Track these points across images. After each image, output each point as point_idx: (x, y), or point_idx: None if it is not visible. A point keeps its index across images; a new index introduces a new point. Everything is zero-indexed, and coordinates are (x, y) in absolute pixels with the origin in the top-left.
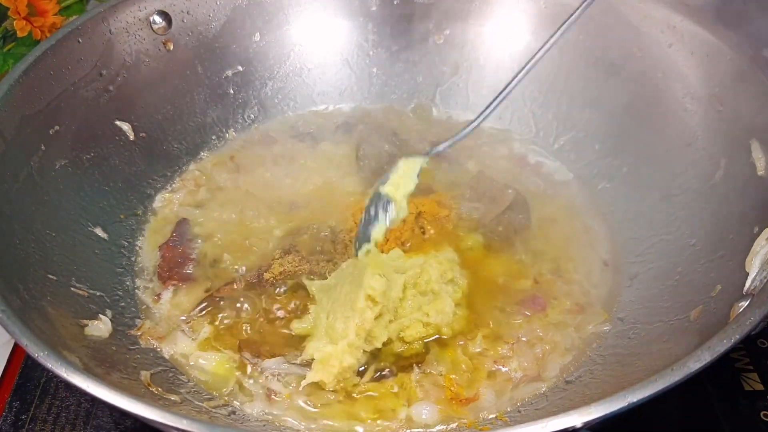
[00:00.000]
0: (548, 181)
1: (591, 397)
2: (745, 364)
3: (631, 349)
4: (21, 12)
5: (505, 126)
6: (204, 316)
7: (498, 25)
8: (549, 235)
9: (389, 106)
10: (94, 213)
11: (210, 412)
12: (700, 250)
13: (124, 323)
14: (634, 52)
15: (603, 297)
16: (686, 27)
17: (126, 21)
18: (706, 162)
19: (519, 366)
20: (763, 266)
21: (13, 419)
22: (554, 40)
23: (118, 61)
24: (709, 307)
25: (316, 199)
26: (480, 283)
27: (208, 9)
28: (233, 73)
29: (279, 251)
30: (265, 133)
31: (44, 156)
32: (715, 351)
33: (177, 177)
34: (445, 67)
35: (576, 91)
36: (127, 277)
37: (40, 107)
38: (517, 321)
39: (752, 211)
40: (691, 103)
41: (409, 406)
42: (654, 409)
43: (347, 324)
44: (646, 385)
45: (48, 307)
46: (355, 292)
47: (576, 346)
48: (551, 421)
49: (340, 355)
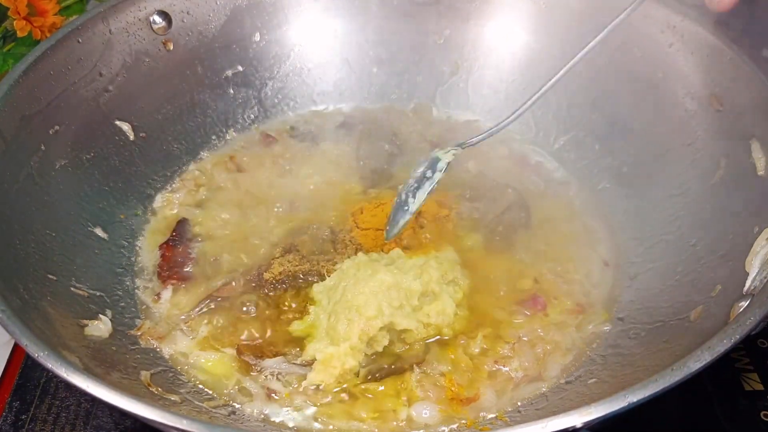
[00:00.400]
0: (548, 181)
1: (591, 397)
2: (745, 364)
3: (631, 349)
4: (21, 12)
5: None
6: (203, 316)
7: (498, 25)
8: (549, 235)
9: (389, 106)
10: (93, 213)
11: (210, 412)
12: (700, 250)
13: (124, 323)
14: (634, 52)
15: (603, 297)
16: (686, 27)
17: (126, 21)
18: (706, 162)
19: (520, 366)
20: (763, 266)
21: (13, 419)
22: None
23: (118, 61)
24: (709, 307)
25: (316, 198)
26: (480, 283)
27: (208, 9)
28: (233, 73)
29: (279, 251)
30: (265, 133)
31: (44, 156)
32: (715, 351)
33: (177, 177)
34: (445, 66)
35: (576, 91)
36: (126, 277)
37: (40, 107)
38: (517, 321)
39: (752, 211)
40: (691, 103)
41: (410, 406)
42: (654, 409)
43: (350, 326)
44: (646, 385)
45: (48, 308)
46: (359, 295)
47: (577, 346)
48: (551, 421)
49: (343, 357)
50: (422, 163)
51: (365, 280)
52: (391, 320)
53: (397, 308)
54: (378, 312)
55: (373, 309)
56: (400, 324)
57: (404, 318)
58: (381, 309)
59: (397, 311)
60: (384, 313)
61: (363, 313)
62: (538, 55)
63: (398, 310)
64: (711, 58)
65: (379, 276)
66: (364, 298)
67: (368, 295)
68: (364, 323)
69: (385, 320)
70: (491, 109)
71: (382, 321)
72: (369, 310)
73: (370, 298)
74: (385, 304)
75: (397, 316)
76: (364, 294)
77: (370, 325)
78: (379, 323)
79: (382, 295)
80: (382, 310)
